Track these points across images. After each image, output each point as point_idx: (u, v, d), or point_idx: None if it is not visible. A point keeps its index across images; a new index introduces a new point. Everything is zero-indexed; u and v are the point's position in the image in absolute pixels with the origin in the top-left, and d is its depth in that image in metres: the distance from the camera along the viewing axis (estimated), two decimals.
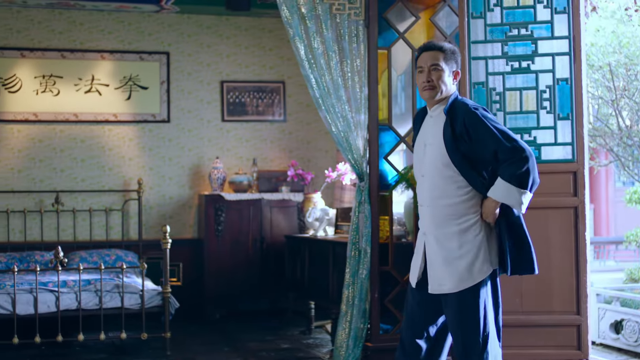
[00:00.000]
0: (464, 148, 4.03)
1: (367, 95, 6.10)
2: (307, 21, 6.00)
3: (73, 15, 8.90)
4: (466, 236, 4.07)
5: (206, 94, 9.21)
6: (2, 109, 8.65)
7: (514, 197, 3.97)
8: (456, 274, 4.05)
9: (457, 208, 4.08)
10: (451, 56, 4.17)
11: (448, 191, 4.09)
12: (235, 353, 6.94)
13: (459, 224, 4.08)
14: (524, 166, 3.94)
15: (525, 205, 4.01)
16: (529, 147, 3.98)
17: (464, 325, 4.07)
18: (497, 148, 3.96)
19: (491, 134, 3.97)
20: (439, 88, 4.14)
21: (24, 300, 6.78)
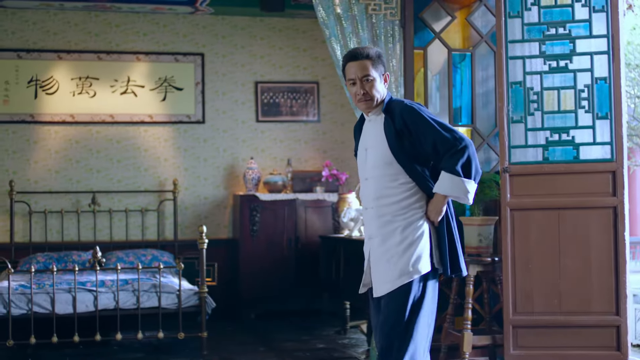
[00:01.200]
0: (406, 144, 3.95)
1: (403, 95, 6.09)
2: (343, 22, 6.01)
3: (109, 17, 8.98)
4: (408, 231, 3.94)
5: (240, 94, 9.25)
6: (40, 110, 8.75)
7: (460, 187, 3.88)
8: (397, 271, 3.92)
9: (402, 204, 3.96)
10: (378, 61, 4.06)
11: (392, 189, 3.98)
12: (271, 353, 6.96)
13: (404, 219, 3.95)
14: (465, 155, 3.87)
15: (472, 194, 3.94)
16: (467, 137, 3.93)
17: (388, 321, 3.92)
18: (436, 139, 3.88)
19: (429, 126, 3.90)
20: (374, 98, 4.03)
21: (63, 300, 6.85)
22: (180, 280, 6.93)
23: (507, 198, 5.39)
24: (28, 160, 8.74)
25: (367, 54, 4.04)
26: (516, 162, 5.44)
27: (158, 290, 6.95)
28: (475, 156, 3.91)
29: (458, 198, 3.93)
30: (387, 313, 3.94)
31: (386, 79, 4.10)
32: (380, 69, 4.07)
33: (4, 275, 7.61)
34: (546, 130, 5.47)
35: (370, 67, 4.02)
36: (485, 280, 5.88)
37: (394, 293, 3.92)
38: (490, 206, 6.10)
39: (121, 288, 6.93)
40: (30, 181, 8.74)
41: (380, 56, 4.07)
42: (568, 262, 5.38)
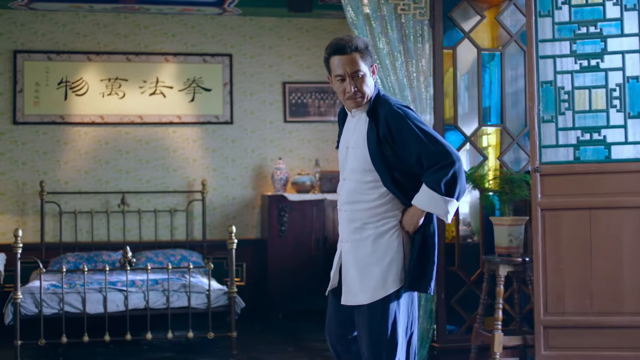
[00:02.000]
0: (387, 151, 3.70)
1: (432, 95, 6.09)
2: (372, 22, 6.01)
3: (138, 19, 9.03)
4: (380, 241, 3.76)
5: (268, 95, 9.27)
6: (70, 111, 8.82)
7: (440, 205, 3.66)
8: (371, 283, 3.75)
9: (375, 211, 3.77)
10: (367, 52, 3.77)
11: (366, 195, 3.78)
12: (300, 353, 6.97)
13: (376, 227, 3.76)
14: (450, 172, 3.64)
15: (452, 214, 3.72)
16: (456, 151, 3.69)
17: (370, 337, 3.77)
18: (421, 152, 3.65)
19: (415, 136, 3.65)
20: (365, 95, 3.78)
21: (94, 300, 6.90)
22: (209, 281, 6.96)
23: (538, 198, 5.36)
24: (58, 161, 8.82)
25: (356, 46, 3.74)
26: (547, 161, 5.41)
27: (188, 290, 6.99)
28: (462, 173, 3.70)
29: (437, 215, 3.74)
30: (367, 329, 3.78)
31: (374, 70, 3.84)
32: (369, 61, 3.79)
33: (35, 275, 7.70)
34: (577, 130, 5.43)
35: (360, 61, 3.74)
36: (516, 281, 5.86)
37: (371, 309, 3.76)
38: (520, 206, 6.08)
39: (151, 288, 6.98)
40: (60, 182, 8.81)
41: (368, 46, 3.80)
42: (600, 262, 5.34)
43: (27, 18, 8.82)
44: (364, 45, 3.78)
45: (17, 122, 8.74)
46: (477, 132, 6.37)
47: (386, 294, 3.74)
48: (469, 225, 6.64)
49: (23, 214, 8.73)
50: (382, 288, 3.74)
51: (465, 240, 6.44)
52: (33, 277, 7.77)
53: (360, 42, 3.78)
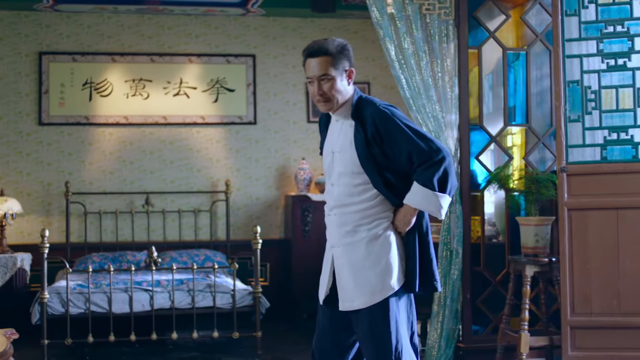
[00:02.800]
0: (376, 152, 3.66)
1: (457, 94, 6.08)
2: (397, 22, 6.01)
3: (162, 20, 9.07)
4: (374, 244, 3.70)
5: (292, 95, 9.29)
6: (94, 112, 8.88)
7: (433, 202, 3.62)
8: (367, 287, 3.68)
9: (366, 213, 3.72)
10: (340, 56, 3.72)
11: (356, 197, 3.72)
12: None
13: (368, 229, 3.71)
14: (441, 168, 3.60)
15: (445, 210, 3.69)
16: (445, 147, 3.68)
17: (375, 342, 3.68)
18: (411, 149, 3.62)
19: (404, 135, 3.62)
20: (334, 99, 3.72)
21: (120, 299, 6.94)
22: (234, 281, 6.98)
23: (565, 198, 5.34)
24: (83, 161, 8.87)
25: (326, 49, 3.70)
26: (574, 161, 5.39)
27: (213, 290, 7.01)
28: (452, 169, 3.67)
29: (430, 212, 3.69)
30: (368, 334, 3.70)
31: (350, 75, 3.77)
32: (342, 65, 3.73)
33: (61, 274, 7.76)
34: (604, 130, 5.41)
35: (329, 65, 3.69)
36: (542, 281, 5.84)
37: (371, 312, 3.68)
38: (547, 206, 6.06)
39: (176, 288, 7.01)
40: (85, 182, 8.86)
41: (342, 50, 3.73)
42: (627, 262, 5.32)
43: (52, 20, 8.88)
44: (337, 48, 3.73)
45: (42, 123, 8.81)
46: (503, 131, 6.35)
47: (385, 296, 3.66)
48: (494, 226, 6.62)
49: (48, 215, 8.79)
50: (380, 291, 3.66)
51: (490, 241, 6.42)
52: (59, 276, 7.83)
53: (332, 45, 3.72)
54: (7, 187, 8.62)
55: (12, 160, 8.76)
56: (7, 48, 8.81)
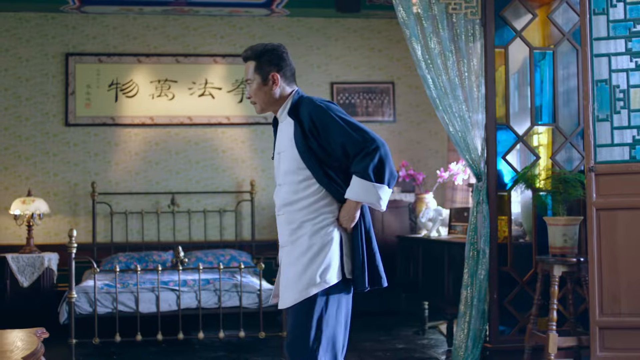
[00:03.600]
0: (314, 146, 3.68)
1: (484, 94, 6.06)
2: (423, 21, 6.00)
3: (187, 21, 9.11)
4: (316, 237, 3.68)
5: (316, 95, 9.23)
6: (120, 113, 8.93)
7: (372, 193, 3.59)
8: (303, 281, 3.66)
9: (311, 209, 3.72)
10: (262, 61, 3.78)
11: (301, 193, 3.73)
12: (351, 352, 6.97)
13: (313, 224, 3.70)
14: (376, 157, 3.58)
15: (385, 201, 3.65)
16: (379, 137, 3.64)
17: (292, 336, 3.68)
18: (345, 141, 3.61)
19: (338, 127, 3.63)
20: (258, 102, 3.83)
21: (147, 299, 6.97)
22: (261, 281, 6.99)
23: (593, 198, 5.30)
24: (109, 162, 8.93)
25: (252, 55, 3.81)
26: (602, 161, 5.35)
27: (239, 290, 7.03)
28: (389, 158, 3.63)
29: (371, 204, 3.68)
30: (291, 326, 3.72)
31: (275, 80, 3.79)
32: (265, 70, 3.79)
33: (88, 274, 7.81)
34: (633, 129, 5.35)
35: (251, 70, 3.80)
36: (570, 281, 5.80)
37: (299, 305, 3.66)
38: (574, 206, 6.02)
39: (203, 288, 7.03)
40: (111, 182, 8.92)
41: (264, 54, 3.79)
42: None
43: (79, 21, 8.95)
44: (259, 53, 3.80)
45: (68, 124, 8.87)
46: (530, 131, 6.32)
47: (317, 290, 3.64)
48: (521, 226, 6.59)
49: (75, 215, 8.85)
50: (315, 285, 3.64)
51: (517, 240, 6.39)
52: (86, 276, 7.88)
53: (253, 51, 3.81)
54: (35, 188, 8.69)
55: (39, 160, 8.82)
56: (34, 49, 8.88)
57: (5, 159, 8.79)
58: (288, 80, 3.86)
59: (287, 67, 3.85)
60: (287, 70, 3.85)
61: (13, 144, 8.81)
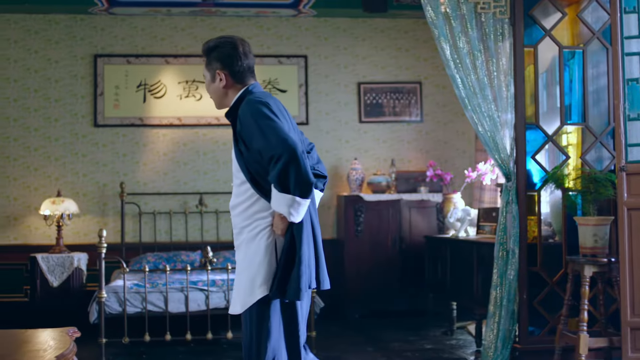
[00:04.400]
0: (244, 150, 3.56)
1: (513, 93, 6.03)
2: (452, 21, 5.98)
3: (214, 22, 9.14)
4: (251, 245, 3.62)
5: (343, 95, 9.30)
6: (149, 114, 8.98)
7: (281, 204, 3.45)
8: (241, 290, 3.62)
9: (247, 214, 3.64)
10: (210, 58, 3.74)
11: (241, 197, 3.66)
12: (379, 353, 6.97)
13: (249, 231, 3.63)
14: (280, 165, 3.38)
15: (296, 214, 3.47)
16: (289, 142, 3.40)
17: (245, 347, 3.64)
18: (260, 147, 3.46)
19: (257, 131, 3.46)
20: (213, 98, 3.78)
21: (176, 299, 7.01)
22: None
23: (625, 197, 5.27)
24: (137, 162, 8.98)
25: (203, 50, 3.77)
26: (633, 160, 5.31)
27: None
28: (296, 165, 3.40)
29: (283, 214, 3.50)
30: (244, 335, 3.67)
31: (220, 76, 3.71)
32: (212, 66, 3.72)
33: (117, 274, 7.86)
34: None
35: (204, 66, 3.77)
36: (601, 281, 5.76)
37: (243, 313, 3.64)
38: (604, 205, 5.98)
39: (232, 287, 7.04)
40: (139, 183, 8.97)
41: (213, 50, 3.72)
42: None
43: (107, 23, 9.00)
44: (210, 49, 3.73)
45: (97, 125, 8.93)
46: (559, 130, 6.28)
47: (253, 301, 3.58)
48: (550, 226, 6.55)
49: (104, 215, 8.91)
50: (251, 294, 3.58)
51: (546, 241, 6.35)
52: (115, 276, 7.93)
53: (207, 47, 3.74)
54: (64, 188, 8.76)
55: (68, 161, 8.89)
56: (63, 51, 8.95)
57: (35, 159, 8.87)
58: (238, 77, 3.73)
59: (237, 63, 3.71)
60: (237, 67, 3.71)
61: (43, 145, 8.89)
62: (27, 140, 8.88)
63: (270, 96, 3.71)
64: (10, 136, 8.86)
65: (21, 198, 8.84)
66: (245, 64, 3.73)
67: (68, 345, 4.24)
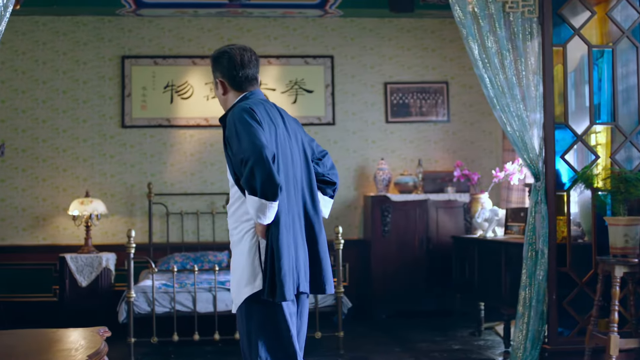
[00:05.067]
0: (231, 154, 3.67)
1: (542, 93, 6.00)
2: (480, 20, 5.96)
3: (241, 23, 9.17)
4: (238, 247, 3.76)
5: (370, 95, 9.29)
6: (176, 115, 9.02)
7: (251, 206, 3.56)
8: (233, 291, 3.79)
9: (235, 216, 3.77)
10: (213, 67, 3.94)
11: (232, 199, 3.78)
12: (407, 353, 6.96)
13: (237, 233, 3.77)
14: (247, 169, 3.48)
15: (264, 216, 3.55)
16: (255, 146, 3.49)
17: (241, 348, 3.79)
18: (236, 151, 3.58)
19: (234, 137, 3.60)
20: (220, 103, 3.96)
21: (204, 299, 7.04)
22: None
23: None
24: (165, 163, 9.02)
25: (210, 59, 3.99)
26: None
27: None
28: (262, 167, 3.48)
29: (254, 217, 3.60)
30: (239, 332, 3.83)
31: (220, 85, 3.91)
32: (215, 74, 3.94)
33: (145, 274, 7.90)
34: None
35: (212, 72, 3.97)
36: (632, 282, 5.72)
37: (237, 312, 3.78)
38: (634, 205, 5.93)
39: None
40: (167, 183, 9.01)
41: (216, 59, 3.93)
42: None
43: (134, 24, 9.06)
44: (214, 59, 3.95)
45: (125, 126, 8.98)
46: (589, 130, 6.24)
47: (241, 300, 3.70)
48: (579, 226, 6.51)
49: (131, 215, 8.96)
50: (238, 295, 3.72)
51: (575, 241, 6.31)
52: (143, 276, 7.98)
53: (212, 55, 3.97)
54: (92, 189, 8.82)
55: (96, 162, 8.95)
56: (91, 52, 9.01)
57: (63, 160, 8.94)
58: (236, 85, 3.88)
59: (234, 73, 3.88)
60: (236, 76, 3.88)
61: (71, 146, 8.95)
62: (55, 141, 8.95)
63: (261, 103, 3.82)
64: (39, 137, 8.94)
65: (50, 199, 8.91)
66: (243, 72, 3.89)
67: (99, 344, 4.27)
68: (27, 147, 8.93)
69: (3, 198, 8.87)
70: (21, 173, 8.92)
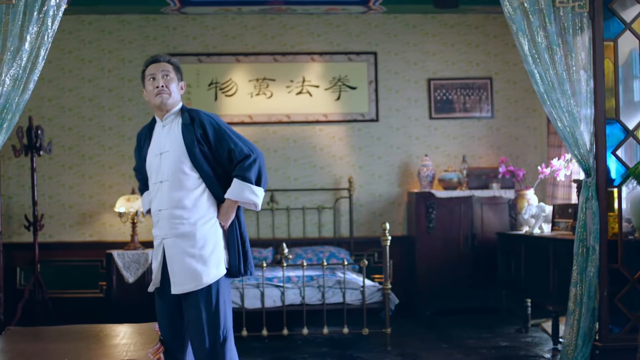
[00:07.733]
0: (204, 150, 4.26)
1: (592, 88, 5.95)
2: (530, 16, 5.92)
3: (284, 20, 9.19)
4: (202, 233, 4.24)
5: (413, 92, 9.27)
6: (220, 112, 9.06)
7: (251, 194, 4.24)
8: (198, 271, 4.22)
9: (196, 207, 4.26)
10: (177, 69, 4.43)
11: (187, 192, 4.27)
12: (455, 350, 6.95)
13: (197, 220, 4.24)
14: (256, 165, 4.24)
15: (260, 201, 4.31)
16: (257, 149, 4.32)
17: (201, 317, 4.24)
18: (232, 148, 4.23)
19: (227, 135, 4.26)
20: (171, 93, 4.35)
21: (252, 295, 7.08)
22: (364, 277, 7.02)
23: None
24: None
25: (169, 59, 4.43)
26: None
27: (342, 287, 7.07)
28: (265, 167, 4.32)
29: (248, 204, 4.29)
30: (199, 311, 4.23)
31: (182, 87, 4.47)
32: (178, 76, 4.44)
33: None
34: None
35: (170, 68, 4.39)
36: None
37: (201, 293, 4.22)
38: None
39: (307, 284, 7.10)
40: None
41: (179, 68, 4.46)
42: None
43: (179, 22, 9.11)
44: (176, 64, 4.46)
45: None
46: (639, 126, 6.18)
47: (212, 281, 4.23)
48: (630, 222, 6.45)
49: None
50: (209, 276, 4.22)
51: (626, 237, 6.25)
52: None
53: (173, 59, 4.47)
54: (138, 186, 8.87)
55: None
56: (137, 51, 9.08)
57: (109, 158, 9.03)
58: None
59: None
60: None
61: (117, 144, 9.04)
62: (101, 139, 9.04)
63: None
64: (86, 135, 9.03)
65: (96, 196, 9.00)
66: None
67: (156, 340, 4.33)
68: (73, 144, 9.03)
69: (51, 195, 8.97)
70: (68, 170, 9.02)
